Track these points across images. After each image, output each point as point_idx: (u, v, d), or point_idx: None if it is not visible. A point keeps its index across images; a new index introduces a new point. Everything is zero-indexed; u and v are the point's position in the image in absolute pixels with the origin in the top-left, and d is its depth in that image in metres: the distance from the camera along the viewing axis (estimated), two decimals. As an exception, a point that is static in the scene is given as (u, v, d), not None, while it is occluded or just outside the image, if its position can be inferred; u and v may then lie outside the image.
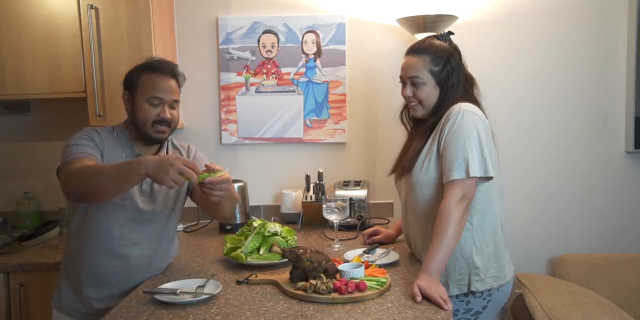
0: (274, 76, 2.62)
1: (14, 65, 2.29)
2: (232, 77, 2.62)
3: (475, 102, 1.73)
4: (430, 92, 1.70)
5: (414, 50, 1.72)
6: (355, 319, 1.35)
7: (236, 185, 2.47)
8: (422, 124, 1.76)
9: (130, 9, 2.24)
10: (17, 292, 2.12)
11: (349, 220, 2.30)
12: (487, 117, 1.70)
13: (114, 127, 1.75)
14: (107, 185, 1.46)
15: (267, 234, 1.88)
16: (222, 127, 2.65)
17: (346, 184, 2.50)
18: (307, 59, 2.60)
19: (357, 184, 2.49)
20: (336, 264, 1.61)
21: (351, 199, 2.34)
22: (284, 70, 2.61)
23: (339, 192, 2.40)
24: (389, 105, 2.38)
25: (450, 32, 1.76)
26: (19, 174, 2.69)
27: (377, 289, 1.49)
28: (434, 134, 1.69)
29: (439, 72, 1.68)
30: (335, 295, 1.45)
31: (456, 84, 1.70)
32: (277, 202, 2.65)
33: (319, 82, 2.61)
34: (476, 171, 1.57)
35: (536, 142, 2.62)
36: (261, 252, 1.85)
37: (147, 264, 1.71)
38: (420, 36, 2.27)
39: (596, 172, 2.62)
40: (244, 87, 2.63)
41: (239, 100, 2.63)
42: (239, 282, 1.63)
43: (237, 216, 2.45)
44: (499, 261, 1.70)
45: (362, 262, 1.65)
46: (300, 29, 2.59)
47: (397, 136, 2.04)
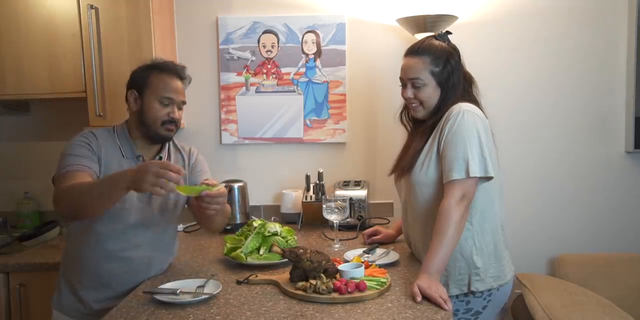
0: (274, 76, 2.62)
1: (14, 65, 2.29)
2: (232, 77, 2.62)
3: (474, 101, 1.73)
4: (431, 93, 1.69)
5: (414, 51, 1.71)
6: (355, 319, 1.35)
7: (236, 185, 2.48)
8: (422, 124, 1.76)
9: (130, 9, 2.24)
10: (17, 292, 2.12)
11: (349, 220, 2.30)
12: (486, 116, 1.70)
13: (114, 128, 1.75)
14: (94, 203, 1.48)
15: (267, 234, 1.89)
16: (222, 127, 2.65)
17: (346, 184, 2.50)
18: (307, 59, 2.60)
19: (357, 184, 2.49)
20: (336, 264, 1.61)
21: (351, 199, 2.34)
22: (284, 70, 2.61)
23: (339, 192, 2.40)
24: (389, 105, 2.38)
25: (448, 32, 1.76)
26: (19, 174, 2.69)
27: (377, 289, 1.49)
28: (434, 134, 1.69)
29: (440, 73, 1.68)
30: (335, 295, 1.45)
31: (456, 83, 1.70)
32: (277, 202, 2.65)
33: (319, 82, 2.61)
34: (476, 171, 1.57)
35: (536, 142, 2.62)
36: (261, 252, 1.85)
37: (147, 265, 1.70)
38: (420, 36, 2.27)
39: (596, 172, 2.62)
40: (244, 87, 2.63)
41: (239, 100, 2.63)
42: (239, 282, 1.63)
43: (237, 216, 2.46)
44: (499, 261, 1.70)
45: (362, 262, 1.65)
46: (300, 29, 2.59)
47: (397, 136, 2.04)
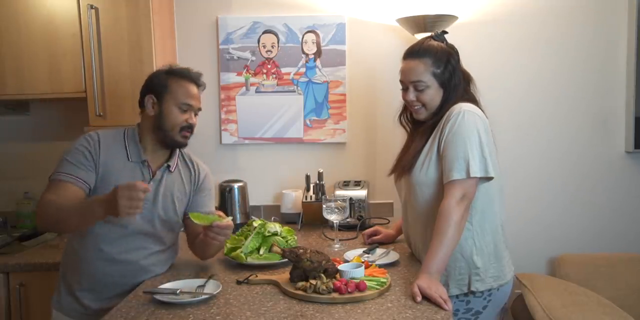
0: (274, 76, 2.62)
1: (14, 65, 2.29)
2: (232, 77, 2.62)
3: (473, 100, 1.73)
4: (434, 95, 1.69)
5: (413, 53, 1.70)
6: (355, 319, 1.35)
7: (236, 185, 2.48)
8: (422, 125, 1.75)
9: (130, 9, 2.24)
10: (17, 292, 2.12)
11: (349, 220, 2.30)
12: (487, 116, 1.69)
13: (125, 130, 1.73)
14: (71, 223, 1.54)
15: (267, 234, 1.89)
16: (222, 127, 2.65)
17: (346, 184, 2.50)
18: (307, 59, 2.60)
19: (357, 184, 2.49)
20: (336, 264, 1.61)
21: (351, 199, 2.34)
22: (284, 70, 2.61)
23: (339, 192, 2.40)
24: (389, 105, 2.37)
25: (444, 32, 1.74)
26: (19, 174, 2.69)
27: (377, 289, 1.49)
28: (434, 134, 1.69)
29: (442, 74, 1.67)
30: (335, 295, 1.45)
31: (458, 84, 1.69)
32: (277, 202, 2.65)
33: (319, 82, 2.61)
34: (477, 171, 1.56)
35: (536, 142, 2.62)
36: (261, 252, 1.85)
37: (147, 269, 1.70)
38: (420, 36, 2.27)
39: (596, 172, 2.62)
40: (244, 87, 2.63)
41: (239, 100, 2.63)
42: (239, 282, 1.63)
43: (237, 216, 2.46)
44: (499, 261, 1.70)
45: (362, 262, 1.65)
46: (300, 29, 2.59)
47: (397, 136, 2.04)
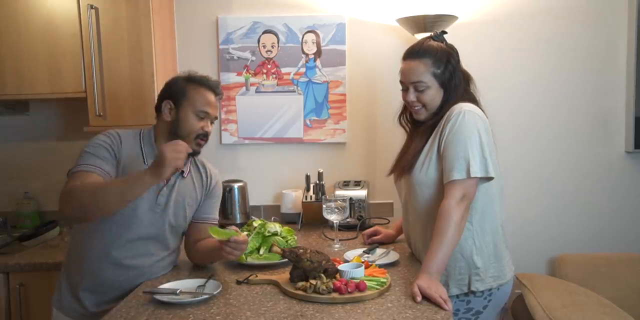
0: (274, 76, 2.62)
1: (14, 65, 2.29)
2: (232, 77, 2.62)
3: (474, 100, 1.72)
4: (434, 95, 1.68)
5: (413, 54, 1.69)
6: (355, 319, 1.35)
7: (236, 185, 2.48)
8: (422, 125, 1.75)
9: (130, 9, 2.24)
10: (17, 292, 2.12)
11: (349, 220, 2.30)
12: (487, 116, 1.69)
13: (141, 132, 1.72)
14: (110, 199, 1.50)
15: (267, 234, 1.89)
16: (222, 127, 2.65)
17: (346, 184, 2.50)
18: (307, 59, 2.60)
19: (357, 184, 2.49)
20: (336, 264, 1.61)
21: (351, 199, 2.34)
22: (284, 70, 2.61)
23: (339, 192, 2.40)
24: (389, 105, 2.37)
25: (444, 32, 1.74)
26: (19, 174, 2.69)
27: (377, 289, 1.49)
28: (434, 134, 1.69)
29: (442, 74, 1.67)
30: (335, 295, 1.45)
31: (458, 84, 1.69)
32: (277, 202, 2.65)
33: (319, 82, 2.61)
34: (477, 171, 1.56)
35: (536, 142, 2.62)
36: (261, 252, 1.85)
37: (149, 273, 1.70)
38: (420, 36, 2.27)
39: (596, 172, 2.62)
40: (244, 87, 2.63)
41: (239, 100, 2.63)
42: (239, 282, 1.63)
43: (237, 216, 2.46)
44: (499, 261, 1.70)
45: (362, 262, 1.65)
46: (300, 29, 2.59)
47: (397, 136, 2.04)
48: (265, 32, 2.59)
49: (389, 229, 2.14)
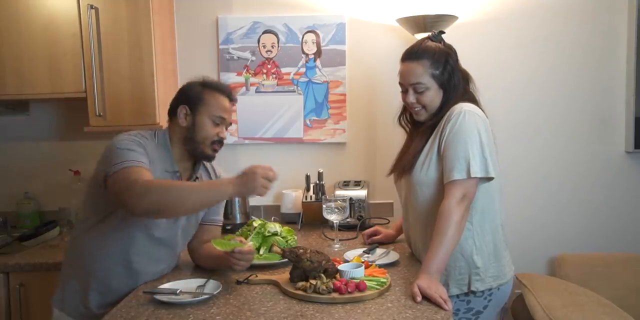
0: (274, 76, 2.62)
1: (14, 65, 2.28)
2: (232, 77, 2.62)
3: (473, 99, 1.73)
4: (434, 96, 1.69)
5: (411, 55, 1.69)
6: (355, 319, 1.35)
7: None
8: (422, 125, 1.75)
9: (130, 9, 2.24)
10: (17, 292, 2.12)
11: (349, 220, 2.30)
12: (487, 115, 1.69)
13: (155, 133, 1.69)
14: (188, 205, 1.47)
15: (267, 234, 1.89)
16: (222, 127, 2.65)
17: (346, 184, 2.50)
18: (307, 59, 2.60)
19: (357, 184, 2.49)
20: (336, 264, 1.61)
21: (351, 199, 2.34)
22: (284, 70, 2.61)
23: (339, 192, 2.40)
24: (389, 105, 2.38)
25: (441, 32, 1.74)
26: (19, 174, 2.69)
27: (377, 289, 1.49)
28: (434, 134, 1.69)
29: (441, 75, 1.67)
30: (335, 295, 1.45)
31: (457, 84, 1.69)
32: (277, 202, 2.65)
33: (319, 82, 2.61)
34: (477, 171, 1.57)
35: (535, 141, 2.62)
36: (261, 252, 1.85)
37: (155, 275, 1.71)
38: (420, 36, 2.27)
39: (596, 172, 2.62)
40: (244, 87, 2.63)
41: (239, 100, 2.62)
42: (239, 282, 1.63)
43: (237, 216, 2.46)
44: (498, 261, 1.70)
45: (362, 262, 1.65)
46: (300, 29, 2.59)
47: (397, 136, 2.04)
48: (265, 32, 2.59)
49: (389, 229, 2.14)
